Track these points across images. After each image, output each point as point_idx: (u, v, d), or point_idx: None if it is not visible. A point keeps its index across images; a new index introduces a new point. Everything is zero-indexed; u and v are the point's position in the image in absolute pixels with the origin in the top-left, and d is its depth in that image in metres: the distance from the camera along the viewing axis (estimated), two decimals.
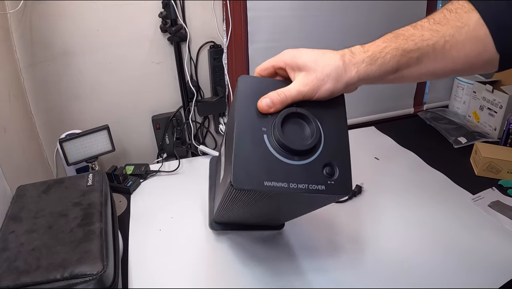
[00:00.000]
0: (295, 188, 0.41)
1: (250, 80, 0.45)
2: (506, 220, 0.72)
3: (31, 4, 0.79)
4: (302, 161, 0.42)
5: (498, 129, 1.06)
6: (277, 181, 0.40)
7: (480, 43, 0.41)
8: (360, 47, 0.45)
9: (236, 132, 0.41)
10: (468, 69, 0.44)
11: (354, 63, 0.44)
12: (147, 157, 1.05)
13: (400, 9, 1.06)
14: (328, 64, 0.44)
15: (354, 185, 0.75)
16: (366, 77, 0.44)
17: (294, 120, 0.44)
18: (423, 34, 0.43)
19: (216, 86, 1.00)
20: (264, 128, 0.42)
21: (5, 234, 0.53)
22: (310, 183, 0.41)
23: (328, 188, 0.42)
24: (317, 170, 0.42)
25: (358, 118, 1.19)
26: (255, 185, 0.40)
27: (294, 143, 0.41)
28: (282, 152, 0.42)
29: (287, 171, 0.41)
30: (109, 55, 0.90)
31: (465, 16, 0.42)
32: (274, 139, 0.42)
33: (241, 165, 0.40)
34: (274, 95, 0.43)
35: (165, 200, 0.81)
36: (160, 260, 0.65)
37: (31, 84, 0.86)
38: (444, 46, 0.42)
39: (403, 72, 0.45)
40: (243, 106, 0.43)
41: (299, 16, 0.97)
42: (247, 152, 0.41)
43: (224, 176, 0.47)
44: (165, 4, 0.87)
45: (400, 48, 0.43)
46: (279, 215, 0.63)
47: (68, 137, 0.79)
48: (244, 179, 0.39)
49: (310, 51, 0.46)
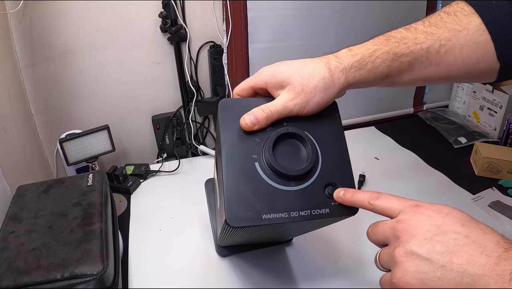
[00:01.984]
0: (296, 216, 0.37)
1: (231, 104, 0.41)
2: (506, 220, 0.72)
3: (31, 4, 0.79)
4: (301, 185, 0.39)
5: (498, 129, 1.06)
6: (276, 212, 0.37)
7: (479, 49, 0.38)
8: (347, 50, 0.41)
9: (224, 164, 0.38)
10: (464, 77, 0.41)
11: (342, 69, 0.40)
12: (147, 157, 1.05)
13: (401, 9, 1.06)
14: (313, 75, 0.40)
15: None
16: (355, 83, 0.41)
17: (286, 141, 0.40)
18: (417, 37, 0.40)
19: (216, 86, 1.00)
20: (254, 155, 0.38)
21: (5, 234, 0.53)
22: (312, 208, 0.38)
23: (332, 210, 0.39)
24: (318, 192, 0.39)
25: (358, 118, 1.19)
26: (253, 220, 0.36)
27: (289, 168, 0.38)
28: (277, 178, 0.38)
29: (285, 199, 0.38)
30: (109, 55, 0.90)
31: (465, 19, 0.39)
32: (266, 166, 0.38)
33: (235, 200, 0.36)
34: (257, 111, 0.39)
35: (165, 200, 0.81)
36: (160, 260, 0.65)
37: (31, 84, 0.86)
38: (439, 51, 0.39)
39: (394, 79, 0.41)
40: (228, 133, 0.39)
41: (300, 16, 0.97)
42: (239, 184, 0.37)
43: (220, 208, 0.43)
44: (165, 4, 0.87)
45: (391, 52, 0.40)
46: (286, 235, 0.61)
47: (68, 138, 0.79)
48: (239, 215, 0.36)
49: (290, 63, 0.42)
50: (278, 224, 0.37)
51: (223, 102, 0.41)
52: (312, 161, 0.39)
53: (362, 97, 1.16)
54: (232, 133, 0.39)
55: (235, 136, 0.39)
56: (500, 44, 0.38)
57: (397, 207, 0.35)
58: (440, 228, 0.30)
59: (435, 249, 0.29)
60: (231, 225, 0.36)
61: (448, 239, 0.29)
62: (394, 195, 0.36)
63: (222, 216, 0.39)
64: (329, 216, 0.39)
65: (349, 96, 0.46)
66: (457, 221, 0.31)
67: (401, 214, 0.34)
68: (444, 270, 0.28)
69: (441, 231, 0.30)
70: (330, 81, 0.40)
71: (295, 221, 0.37)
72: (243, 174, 0.37)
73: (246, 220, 0.36)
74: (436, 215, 0.32)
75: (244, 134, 0.39)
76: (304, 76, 0.40)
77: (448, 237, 0.29)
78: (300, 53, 1.01)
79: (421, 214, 0.32)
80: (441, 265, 0.28)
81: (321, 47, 1.03)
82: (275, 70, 0.42)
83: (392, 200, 0.35)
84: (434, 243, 0.30)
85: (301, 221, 0.38)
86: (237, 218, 0.36)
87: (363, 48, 0.41)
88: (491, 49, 0.38)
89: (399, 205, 0.35)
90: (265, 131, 0.40)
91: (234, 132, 0.39)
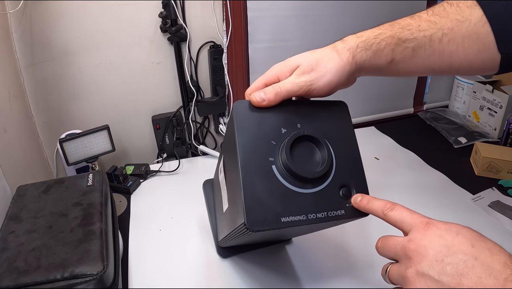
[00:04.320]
0: (314, 218, 0.38)
1: (246, 106, 0.41)
2: (506, 220, 0.72)
3: (31, 4, 0.79)
4: (317, 188, 0.39)
5: (498, 129, 1.06)
6: (294, 214, 0.37)
7: (480, 40, 0.39)
8: (352, 35, 0.43)
9: (241, 166, 0.37)
10: (466, 68, 0.42)
11: (348, 49, 0.41)
12: (147, 157, 1.05)
13: (400, 9, 1.06)
14: (322, 56, 0.41)
15: None
16: (363, 64, 0.42)
17: (301, 143, 0.40)
18: (420, 24, 0.41)
19: (216, 86, 1.00)
20: (271, 158, 0.38)
21: (5, 234, 0.53)
22: (328, 210, 0.38)
23: (347, 211, 0.39)
24: (333, 194, 0.40)
25: (358, 118, 1.19)
26: (272, 224, 0.36)
27: (307, 171, 0.38)
28: (294, 181, 0.38)
29: (302, 202, 0.38)
30: (109, 55, 0.90)
31: (467, 10, 0.39)
32: (284, 169, 0.38)
33: (253, 204, 0.36)
34: (268, 88, 0.40)
35: (165, 200, 0.81)
36: (160, 260, 0.65)
37: (31, 84, 0.86)
38: (442, 39, 0.40)
39: (399, 64, 0.42)
40: (244, 136, 0.39)
41: (300, 16, 0.97)
42: (257, 188, 0.37)
43: (231, 211, 0.43)
44: (165, 4, 0.87)
45: (395, 37, 0.41)
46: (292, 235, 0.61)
47: (68, 138, 0.79)
48: (259, 219, 0.36)
49: (298, 55, 0.43)
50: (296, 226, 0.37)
51: (237, 105, 0.40)
52: (328, 164, 0.39)
53: (362, 97, 1.16)
54: (247, 136, 0.39)
55: (251, 139, 0.39)
56: (500, 36, 0.38)
57: (409, 222, 0.35)
58: (450, 249, 0.31)
59: (446, 271, 0.30)
60: (251, 229, 0.35)
61: (458, 261, 0.30)
62: (407, 208, 0.37)
63: (236, 219, 0.39)
64: (344, 218, 0.39)
65: (349, 96, 0.46)
66: (466, 242, 0.31)
67: (413, 232, 0.34)
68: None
69: (451, 253, 0.31)
70: (339, 61, 0.41)
71: (312, 223, 0.37)
72: (261, 177, 0.37)
73: (266, 224, 0.36)
74: (446, 234, 0.32)
75: (259, 137, 0.39)
76: (313, 58, 0.41)
77: (458, 258, 0.30)
78: (301, 53, 1.01)
79: (432, 233, 0.33)
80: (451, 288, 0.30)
81: (321, 47, 1.02)
82: (285, 62, 0.43)
83: (405, 214, 0.36)
84: (444, 264, 0.30)
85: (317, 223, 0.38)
86: (256, 222, 0.36)
87: (368, 31, 0.42)
88: (492, 41, 0.39)
89: (411, 221, 0.35)
90: (280, 134, 0.40)
91: (250, 135, 0.39)
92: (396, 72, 0.43)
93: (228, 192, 0.44)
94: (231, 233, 0.44)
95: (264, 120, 0.40)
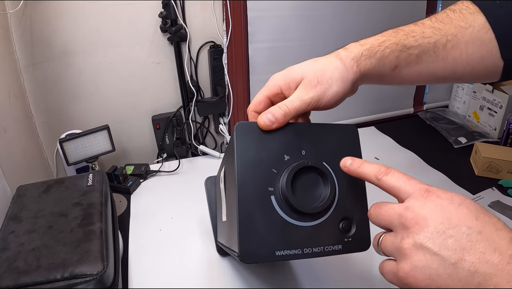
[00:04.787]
0: (309, 252, 0.36)
1: (248, 128, 0.38)
2: (506, 220, 0.72)
3: (31, 4, 0.79)
4: (316, 221, 0.37)
5: (498, 129, 1.06)
6: (290, 248, 0.36)
7: (484, 46, 0.39)
8: (355, 43, 0.42)
9: (238, 194, 0.35)
10: (469, 74, 0.42)
11: (352, 58, 0.40)
12: (147, 157, 1.05)
13: (401, 9, 1.06)
14: (326, 66, 0.40)
15: None
16: (366, 72, 0.41)
17: (305, 172, 0.38)
18: (424, 31, 0.41)
19: (216, 86, 1.00)
20: (270, 188, 0.36)
21: (5, 234, 0.53)
22: (325, 244, 0.37)
23: (345, 246, 0.38)
24: (332, 228, 0.38)
25: (358, 118, 1.19)
26: (266, 257, 0.35)
27: (307, 206, 0.36)
28: (292, 214, 0.36)
29: (300, 235, 0.36)
30: (109, 55, 0.90)
31: (470, 17, 0.40)
32: (283, 201, 0.36)
33: (248, 235, 0.35)
34: (275, 109, 0.38)
35: (165, 200, 0.81)
36: (160, 260, 0.65)
37: (31, 84, 0.86)
38: (446, 46, 0.40)
39: (402, 71, 0.42)
40: (244, 161, 0.36)
41: (300, 16, 0.97)
42: (253, 218, 0.35)
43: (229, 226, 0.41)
44: (165, 4, 0.87)
45: (400, 44, 0.40)
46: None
47: (68, 138, 0.79)
48: (253, 251, 0.35)
49: (300, 64, 0.41)
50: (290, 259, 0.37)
51: (239, 126, 0.38)
52: (330, 198, 0.37)
53: (362, 97, 1.16)
54: (247, 162, 0.36)
55: (251, 166, 0.36)
56: (503, 43, 0.39)
57: (406, 188, 0.32)
58: (453, 221, 0.28)
59: (447, 244, 0.28)
60: (244, 261, 0.35)
61: (461, 234, 0.28)
62: (404, 173, 0.34)
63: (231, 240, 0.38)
64: (341, 253, 0.38)
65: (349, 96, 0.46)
66: (470, 214, 0.28)
67: (410, 199, 0.31)
68: (455, 268, 0.27)
69: (454, 225, 0.28)
70: (344, 70, 0.39)
71: (307, 258, 0.36)
72: (258, 207, 0.36)
73: (259, 257, 0.35)
74: (449, 205, 0.29)
75: (260, 164, 0.37)
76: (317, 69, 0.39)
77: (461, 232, 0.28)
78: (301, 53, 1.01)
79: (432, 202, 0.30)
80: (452, 263, 0.27)
81: (321, 48, 1.03)
82: (287, 71, 0.41)
83: (402, 179, 0.33)
84: (446, 237, 0.28)
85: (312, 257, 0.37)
86: (250, 254, 0.35)
87: (372, 39, 0.41)
88: (495, 47, 0.39)
89: (409, 187, 0.32)
90: (282, 162, 0.38)
91: (250, 162, 0.37)
92: (398, 79, 0.43)
93: (227, 206, 0.43)
94: (228, 249, 0.43)
95: (267, 145, 0.38)
